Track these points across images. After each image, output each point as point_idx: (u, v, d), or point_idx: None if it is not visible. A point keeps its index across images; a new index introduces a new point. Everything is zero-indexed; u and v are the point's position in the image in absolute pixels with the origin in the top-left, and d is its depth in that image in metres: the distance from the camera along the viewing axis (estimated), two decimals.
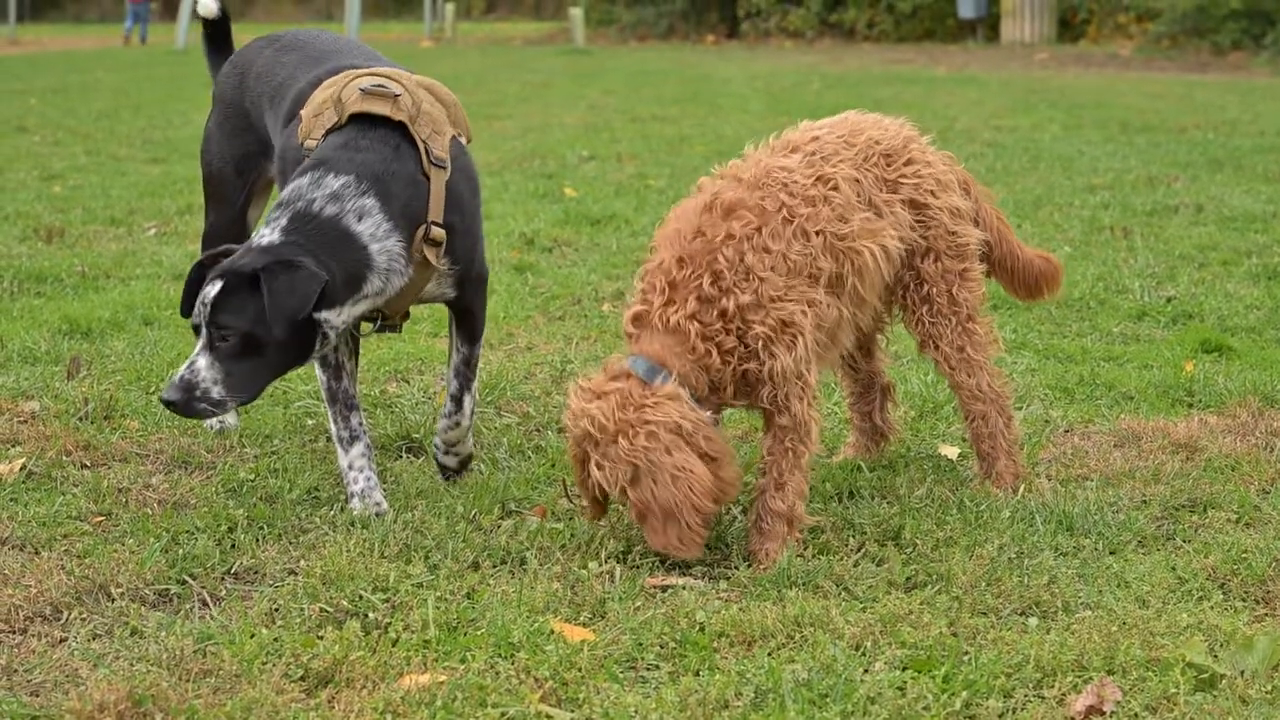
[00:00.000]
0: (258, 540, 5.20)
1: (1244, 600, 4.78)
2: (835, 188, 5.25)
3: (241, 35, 6.94)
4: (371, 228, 5.23)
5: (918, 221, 5.53)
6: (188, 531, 5.22)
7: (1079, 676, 4.20)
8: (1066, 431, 6.53)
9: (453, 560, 4.97)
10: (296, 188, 5.23)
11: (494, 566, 4.98)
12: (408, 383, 7.26)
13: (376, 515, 5.37)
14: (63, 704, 3.98)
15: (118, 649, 4.37)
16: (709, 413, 5.05)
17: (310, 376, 7.15)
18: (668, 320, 5.02)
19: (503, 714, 3.99)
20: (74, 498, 5.54)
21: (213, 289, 5.09)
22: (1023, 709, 4.06)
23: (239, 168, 6.21)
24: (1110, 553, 5.15)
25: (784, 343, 5.04)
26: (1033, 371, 7.38)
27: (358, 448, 5.55)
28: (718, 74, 31.03)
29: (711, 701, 4.02)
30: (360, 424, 5.58)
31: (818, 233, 5.16)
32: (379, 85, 5.44)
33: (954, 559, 4.98)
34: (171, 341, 7.80)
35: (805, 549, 5.11)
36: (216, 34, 6.79)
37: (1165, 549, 5.19)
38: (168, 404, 5.16)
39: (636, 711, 3.99)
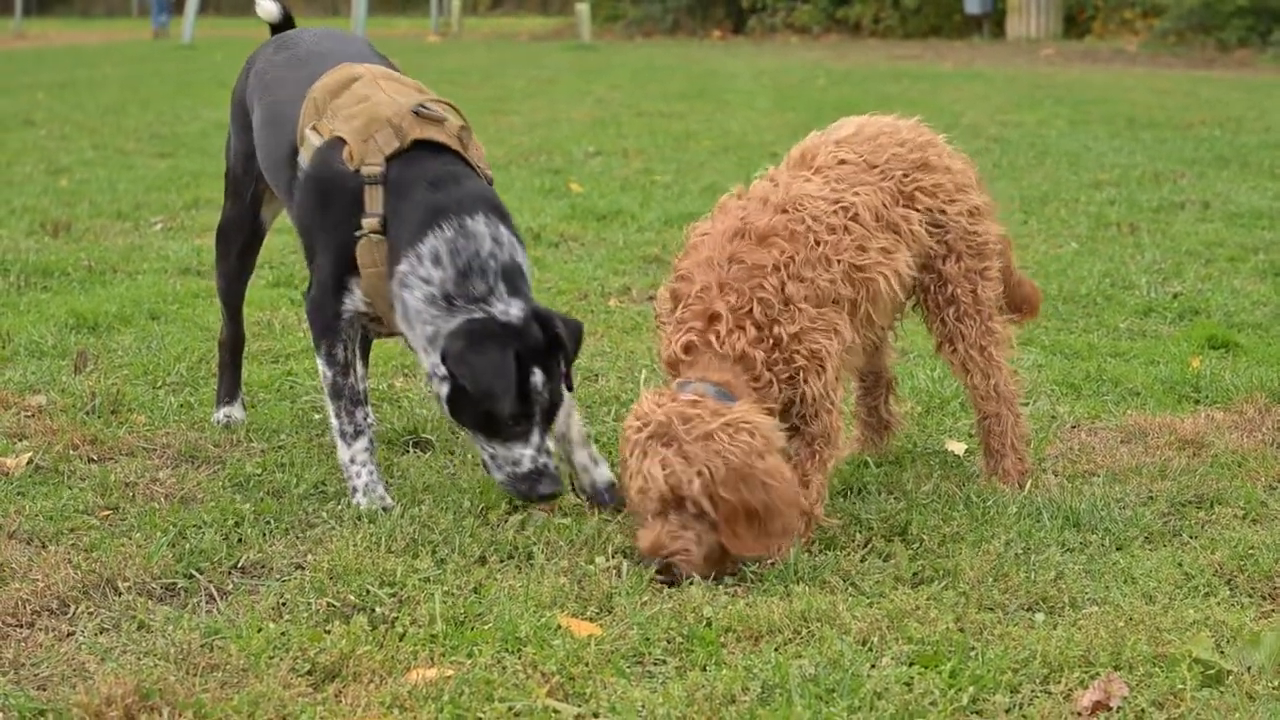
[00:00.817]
0: (264, 535, 5.20)
1: (1251, 596, 4.78)
2: (855, 217, 5.28)
3: (249, 29, 6.99)
4: (521, 254, 5.29)
5: (935, 228, 5.55)
6: (195, 526, 5.22)
7: (1086, 672, 4.20)
8: (1073, 427, 6.53)
9: (460, 555, 4.97)
10: (456, 246, 5.14)
11: (501, 561, 4.98)
12: (414, 377, 7.26)
13: (383, 510, 5.36)
14: (70, 698, 3.98)
15: (125, 643, 4.37)
16: None
17: (317, 371, 7.15)
18: (734, 348, 5.01)
19: (510, 708, 3.99)
20: (81, 492, 5.55)
21: (538, 375, 5.13)
22: (1029, 704, 4.06)
23: (245, 165, 6.13)
24: (1117, 548, 5.15)
25: (814, 371, 5.08)
26: (1039, 367, 7.38)
27: (361, 442, 5.52)
28: (724, 69, 31.01)
29: (718, 696, 4.02)
30: (365, 419, 5.56)
31: (839, 261, 5.18)
32: (425, 107, 5.38)
33: (961, 554, 4.98)
34: (178, 336, 7.80)
35: (812, 544, 5.11)
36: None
37: (1172, 545, 5.19)
38: (553, 496, 5.22)
39: (643, 706, 3.99)
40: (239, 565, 4.95)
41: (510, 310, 5.12)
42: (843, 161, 5.44)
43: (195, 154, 15.74)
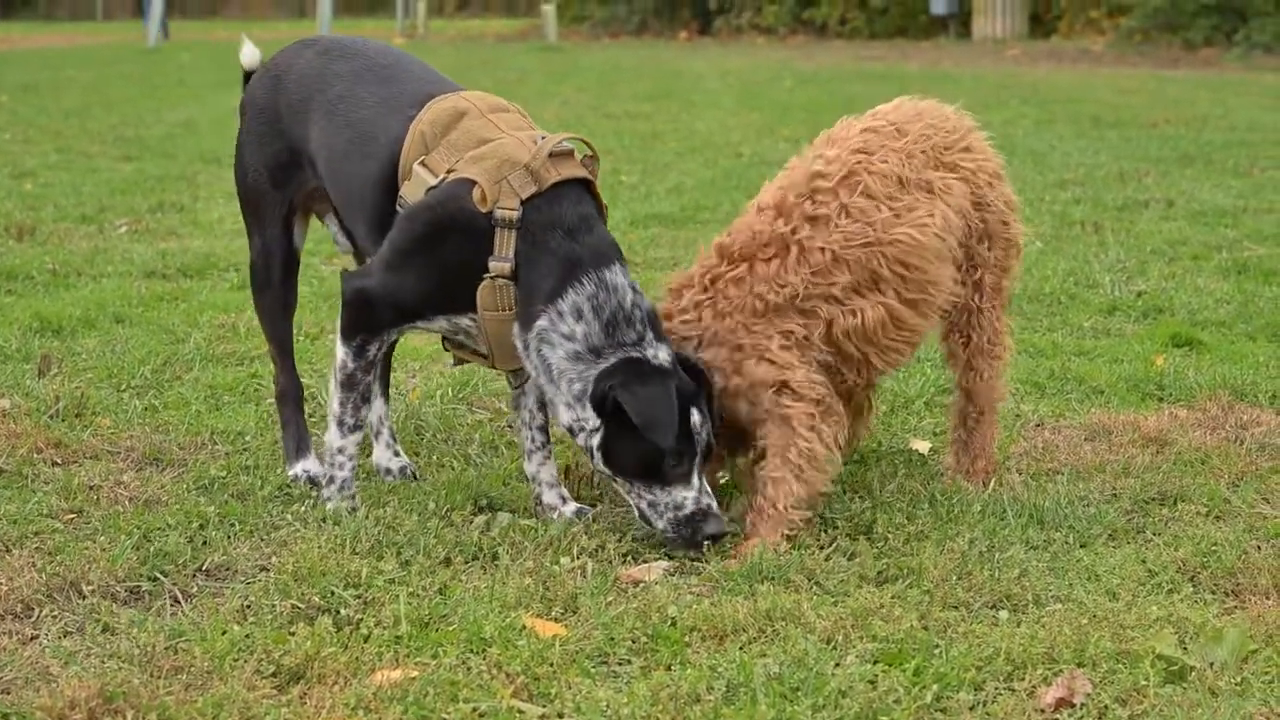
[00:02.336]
0: (229, 537, 5.19)
1: (1213, 593, 4.80)
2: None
3: (215, 31, 6.93)
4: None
5: (977, 206, 5.67)
6: (159, 528, 5.21)
7: (1049, 669, 4.22)
8: (1037, 426, 6.55)
9: (425, 556, 4.97)
10: (599, 301, 5.08)
11: (466, 562, 4.98)
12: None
13: (350, 511, 5.36)
14: (34, 701, 3.97)
15: (89, 646, 4.36)
16: None
17: None
18: None
19: (475, 709, 3.99)
20: (45, 495, 5.53)
21: (695, 415, 5.10)
22: (993, 702, 4.07)
23: (274, 178, 5.78)
24: (1081, 546, 5.16)
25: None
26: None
27: (355, 436, 5.45)
28: (690, 70, 31.04)
29: (683, 696, 4.02)
30: (364, 421, 5.51)
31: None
32: (563, 146, 5.25)
33: (925, 553, 4.99)
34: (142, 339, 7.78)
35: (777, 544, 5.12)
36: None
37: (1135, 542, 5.21)
38: (720, 535, 5.14)
39: (608, 706, 4.00)
40: (203, 568, 4.94)
41: (660, 354, 5.09)
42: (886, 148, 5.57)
43: (159, 157, 15.71)
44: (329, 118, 5.58)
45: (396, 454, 5.98)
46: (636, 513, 5.19)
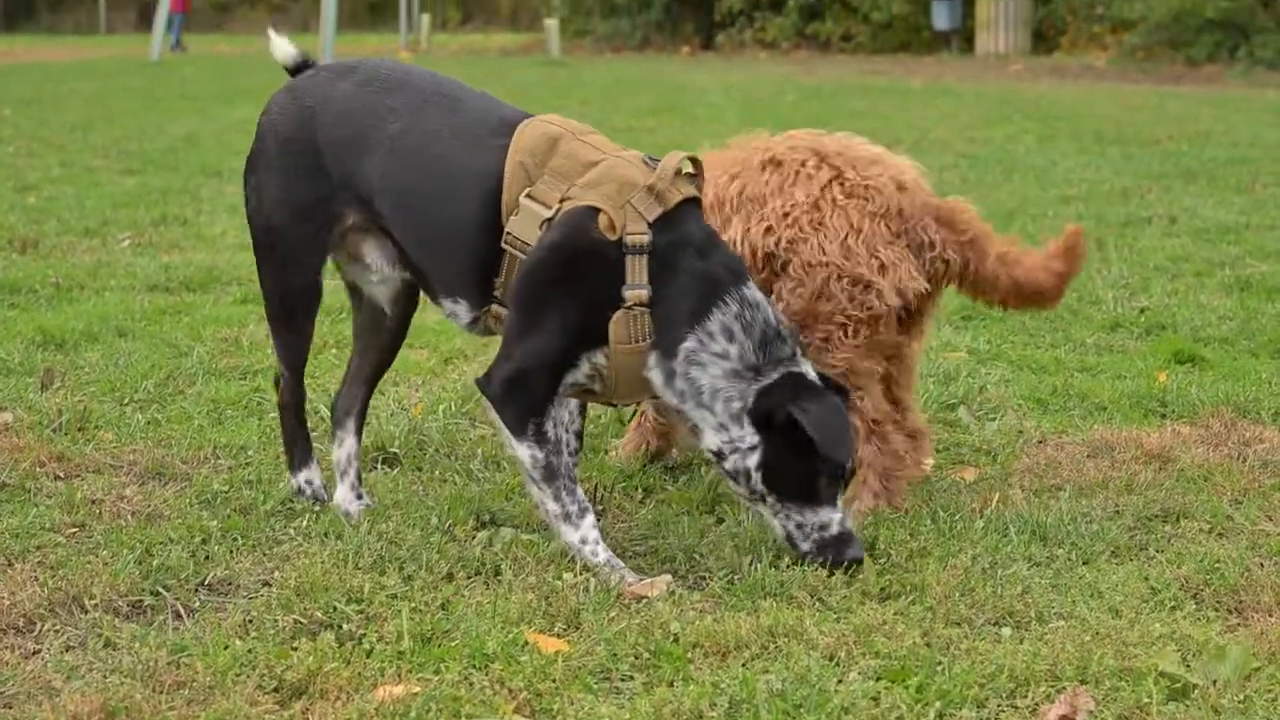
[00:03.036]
0: (231, 552, 5.18)
1: (1216, 610, 4.80)
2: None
3: (218, 45, 6.91)
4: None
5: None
6: (161, 543, 5.21)
7: (1052, 686, 4.21)
8: (1040, 442, 6.54)
9: (427, 571, 4.97)
10: (746, 318, 4.94)
11: (468, 578, 4.97)
12: (382, 394, 7.24)
13: (636, 574, 5.07)
14: (36, 716, 3.97)
15: (91, 661, 4.35)
16: None
17: None
18: None
19: None
20: (47, 509, 5.53)
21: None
22: (996, 719, 4.07)
23: (310, 217, 5.37)
24: (1083, 563, 5.16)
25: None
26: (1007, 382, 7.40)
27: (589, 519, 5.09)
28: (693, 85, 31.06)
29: (686, 712, 4.02)
30: (586, 501, 5.16)
31: None
32: (682, 166, 5.10)
33: (928, 569, 4.99)
34: (145, 352, 7.78)
35: (779, 559, 5.11)
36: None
37: (1138, 559, 5.21)
38: (861, 560, 5.03)
39: None
40: (206, 582, 4.94)
41: (809, 372, 5.02)
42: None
43: (162, 170, 15.72)
44: (396, 155, 5.27)
45: (359, 496, 5.72)
46: (782, 534, 5.09)
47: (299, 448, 5.74)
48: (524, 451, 5.08)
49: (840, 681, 4.23)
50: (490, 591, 4.85)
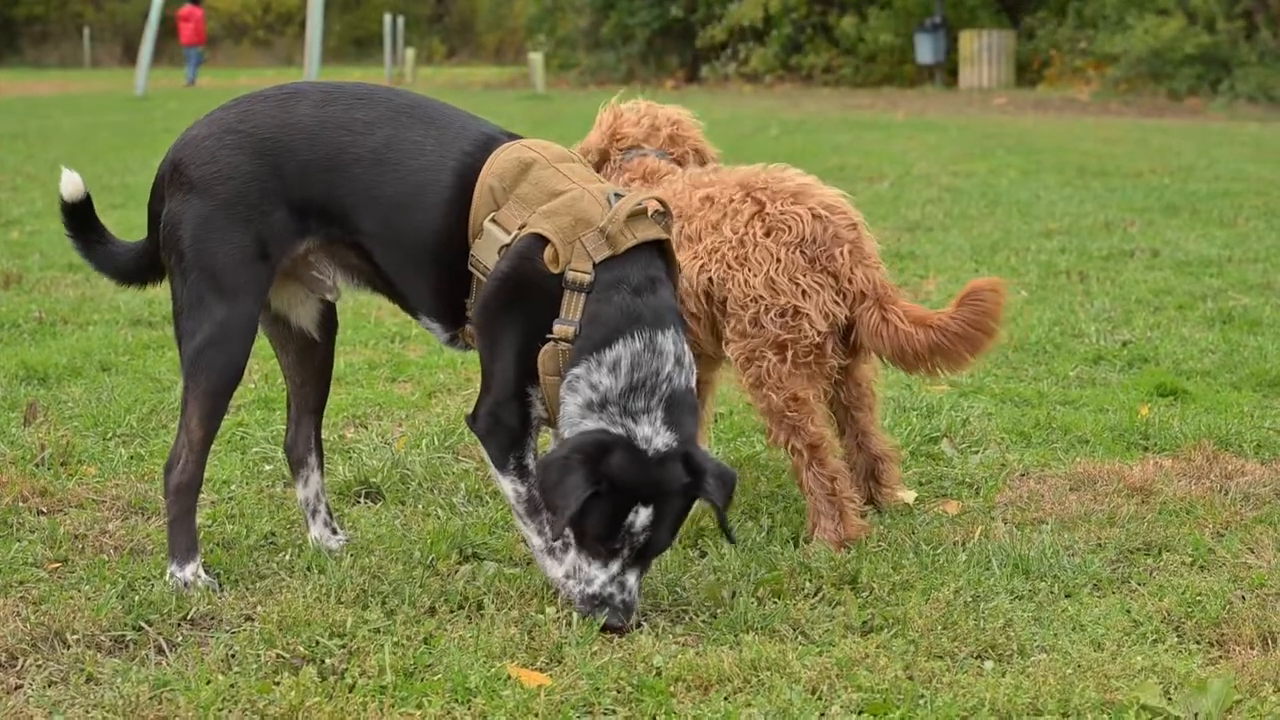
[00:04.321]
0: (214, 586, 5.18)
1: (1198, 643, 4.80)
2: None
3: (202, 80, 6.89)
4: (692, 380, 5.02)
5: None
6: (144, 578, 5.21)
7: (1035, 719, 4.22)
8: (1023, 475, 6.55)
9: (410, 606, 4.97)
10: (640, 360, 4.84)
11: (451, 612, 4.97)
12: (365, 428, 7.25)
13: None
14: None
15: (73, 696, 4.35)
16: None
17: (270, 421, 7.14)
18: None
19: None
20: (30, 544, 5.52)
21: (642, 515, 4.81)
22: None
23: (263, 252, 5.12)
24: (1066, 596, 5.17)
25: None
26: (989, 415, 7.41)
27: (572, 554, 5.00)
28: None
29: None
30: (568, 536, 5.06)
31: None
32: (641, 206, 5.01)
33: (910, 603, 5.00)
34: (129, 387, 7.78)
35: (761, 593, 5.11)
36: (86, 219, 5.57)
37: (1120, 592, 5.22)
38: (616, 629, 4.85)
39: None
40: (188, 617, 4.93)
41: (655, 441, 4.81)
42: None
43: (145, 205, 15.68)
44: (378, 168, 5.12)
45: (335, 531, 5.66)
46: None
47: (188, 534, 5.26)
48: (507, 485, 5.10)
49: (822, 715, 4.24)
50: (473, 626, 4.84)
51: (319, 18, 33.89)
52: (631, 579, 4.89)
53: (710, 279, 5.70)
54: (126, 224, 14.10)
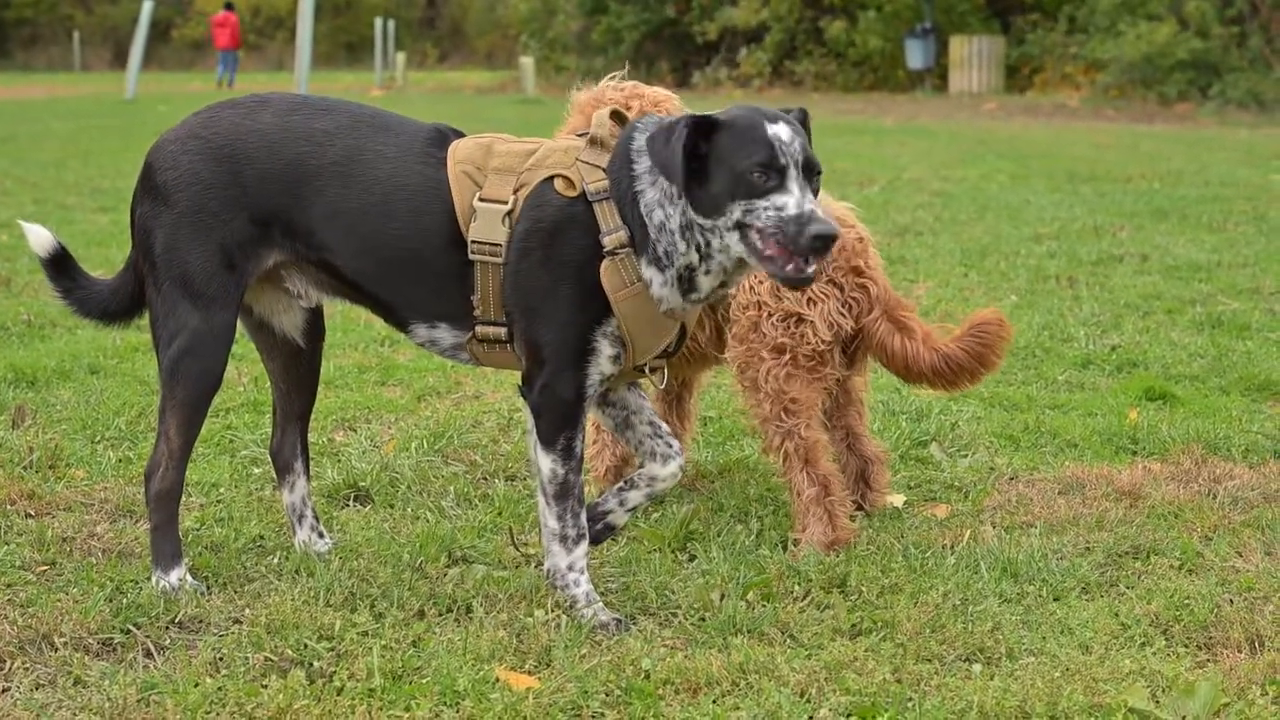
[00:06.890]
0: (202, 589, 5.18)
1: (1186, 646, 4.81)
2: None
3: (192, 84, 6.89)
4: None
5: None
6: (132, 580, 5.20)
7: None
8: (1011, 479, 6.56)
9: (398, 608, 4.96)
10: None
11: (440, 615, 4.97)
12: (355, 431, 7.25)
13: (617, 624, 4.96)
14: None
15: (61, 699, 4.34)
16: None
17: (259, 424, 7.14)
18: None
19: None
20: (18, 547, 5.52)
21: (783, 129, 4.91)
22: None
23: (229, 260, 5.06)
24: (1054, 599, 5.17)
25: None
26: (978, 419, 7.42)
27: (582, 547, 5.04)
28: None
29: None
30: (586, 528, 5.10)
31: None
32: (616, 109, 5.15)
33: (899, 606, 5.00)
34: (117, 390, 7.77)
35: (750, 596, 5.12)
36: (64, 267, 5.88)
37: (1108, 595, 5.22)
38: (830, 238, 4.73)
39: None
40: (176, 620, 4.92)
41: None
42: None
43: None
44: (345, 180, 5.05)
45: (321, 535, 5.63)
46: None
47: (172, 541, 5.23)
48: (546, 462, 5.00)
49: (811, 718, 4.24)
50: (461, 629, 4.84)
51: (309, 22, 33.87)
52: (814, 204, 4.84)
53: None
54: (117, 226, 14.15)
